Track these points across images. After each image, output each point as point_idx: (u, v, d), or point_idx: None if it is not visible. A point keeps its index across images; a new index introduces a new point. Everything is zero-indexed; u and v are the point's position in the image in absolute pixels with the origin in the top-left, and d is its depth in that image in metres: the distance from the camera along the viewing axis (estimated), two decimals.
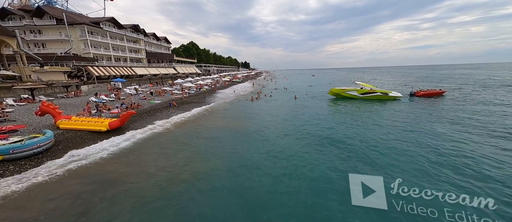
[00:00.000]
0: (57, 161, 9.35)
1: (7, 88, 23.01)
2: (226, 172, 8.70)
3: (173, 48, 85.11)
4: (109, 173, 8.62)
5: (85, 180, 8.06)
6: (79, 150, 10.54)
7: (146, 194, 7.22)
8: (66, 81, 31.22)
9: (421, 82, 45.40)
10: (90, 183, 7.85)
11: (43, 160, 9.52)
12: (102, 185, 7.75)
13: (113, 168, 9.08)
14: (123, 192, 7.35)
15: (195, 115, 19.48)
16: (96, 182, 7.95)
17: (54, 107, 13.65)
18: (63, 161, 9.43)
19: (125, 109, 18.04)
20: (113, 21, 50.36)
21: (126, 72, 45.60)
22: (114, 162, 9.60)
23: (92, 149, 10.82)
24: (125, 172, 8.74)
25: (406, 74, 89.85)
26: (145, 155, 10.53)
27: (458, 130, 13.46)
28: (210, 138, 12.96)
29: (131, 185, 7.79)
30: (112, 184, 7.79)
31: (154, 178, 8.23)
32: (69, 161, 9.47)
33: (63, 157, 9.74)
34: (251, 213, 6.31)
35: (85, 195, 7.13)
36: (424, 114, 17.90)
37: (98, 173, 8.59)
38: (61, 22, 40.71)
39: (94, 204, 6.64)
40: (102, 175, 8.44)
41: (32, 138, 9.92)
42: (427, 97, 25.59)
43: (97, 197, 7.04)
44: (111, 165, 9.30)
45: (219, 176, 8.40)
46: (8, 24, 38.01)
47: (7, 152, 8.89)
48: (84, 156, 9.96)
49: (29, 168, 8.77)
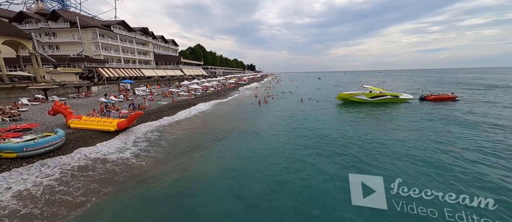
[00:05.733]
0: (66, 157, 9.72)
1: (22, 88, 23.99)
2: (227, 172, 8.82)
3: (181, 50, 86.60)
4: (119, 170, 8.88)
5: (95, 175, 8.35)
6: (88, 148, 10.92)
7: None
8: (78, 82, 32.26)
9: (432, 86, 44.17)
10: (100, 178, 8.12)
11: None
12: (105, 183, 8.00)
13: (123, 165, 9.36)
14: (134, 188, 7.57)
15: (197, 115, 19.74)
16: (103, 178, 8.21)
17: (66, 107, 14.15)
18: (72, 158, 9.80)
19: (133, 109, 18.49)
20: (123, 24, 51.85)
21: (134, 74, 46.69)
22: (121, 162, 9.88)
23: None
24: (134, 169, 8.99)
25: (416, 78, 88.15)
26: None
27: (464, 132, 13.31)
28: (214, 138, 13.14)
29: (140, 182, 8.02)
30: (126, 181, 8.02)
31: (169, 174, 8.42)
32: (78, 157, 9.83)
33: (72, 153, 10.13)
34: (251, 212, 6.37)
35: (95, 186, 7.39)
36: (431, 117, 17.63)
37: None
38: (74, 25, 42.25)
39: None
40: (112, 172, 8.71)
41: (45, 137, 10.31)
42: (438, 102, 25.00)
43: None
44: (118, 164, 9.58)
45: (220, 176, 8.54)
46: (25, 27, 39.75)
47: (20, 149, 9.25)
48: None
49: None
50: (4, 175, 8.09)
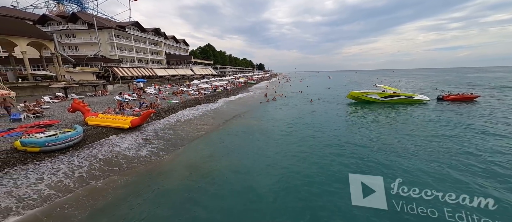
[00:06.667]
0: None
1: (45, 87, 25.57)
2: (230, 171, 9.03)
3: (191, 50, 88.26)
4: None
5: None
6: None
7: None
8: (95, 81, 33.85)
9: (452, 86, 41.89)
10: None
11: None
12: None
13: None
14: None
15: (207, 114, 20.15)
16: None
17: (84, 105, 14.95)
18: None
19: (146, 108, 19.19)
20: (137, 25, 53.67)
21: (147, 73, 48.24)
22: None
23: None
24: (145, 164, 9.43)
25: (434, 77, 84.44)
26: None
27: (472, 132, 12.96)
28: (221, 137, 13.43)
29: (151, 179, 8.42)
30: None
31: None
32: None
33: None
34: (251, 212, 6.52)
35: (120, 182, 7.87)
36: (442, 117, 17.02)
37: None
38: (92, 26, 44.30)
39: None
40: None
41: (64, 133, 10.99)
42: (457, 102, 23.81)
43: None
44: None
45: (226, 173, 8.80)
46: (47, 29, 42.20)
47: (43, 144, 9.91)
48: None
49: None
50: (41, 165, 8.93)
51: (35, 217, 6.06)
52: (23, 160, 9.12)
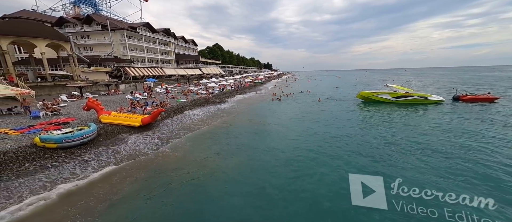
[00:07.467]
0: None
1: (62, 86, 26.82)
2: (234, 170, 9.20)
3: (200, 50, 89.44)
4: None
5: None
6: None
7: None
8: (108, 81, 35.10)
9: (470, 86, 39.02)
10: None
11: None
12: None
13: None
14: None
15: (215, 113, 20.47)
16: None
17: (98, 104, 15.62)
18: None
19: (155, 106, 19.75)
20: (147, 25, 55.06)
21: (157, 73, 49.42)
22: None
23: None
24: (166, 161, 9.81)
25: (452, 76, 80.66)
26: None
27: (480, 134, 12.54)
28: (228, 136, 13.65)
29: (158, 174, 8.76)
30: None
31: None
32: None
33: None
34: (251, 212, 6.61)
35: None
36: (457, 118, 16.37)
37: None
38: (105, 28, 45.91)
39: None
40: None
41: (80, 130, 11.55)
42: (474, 102, 22.57)
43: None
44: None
45: (231, 172, 8.98)
46: (64, 30, 44.12)
47: (60, 141, 10.47)
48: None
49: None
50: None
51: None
52: (42, 155, 9.70)
